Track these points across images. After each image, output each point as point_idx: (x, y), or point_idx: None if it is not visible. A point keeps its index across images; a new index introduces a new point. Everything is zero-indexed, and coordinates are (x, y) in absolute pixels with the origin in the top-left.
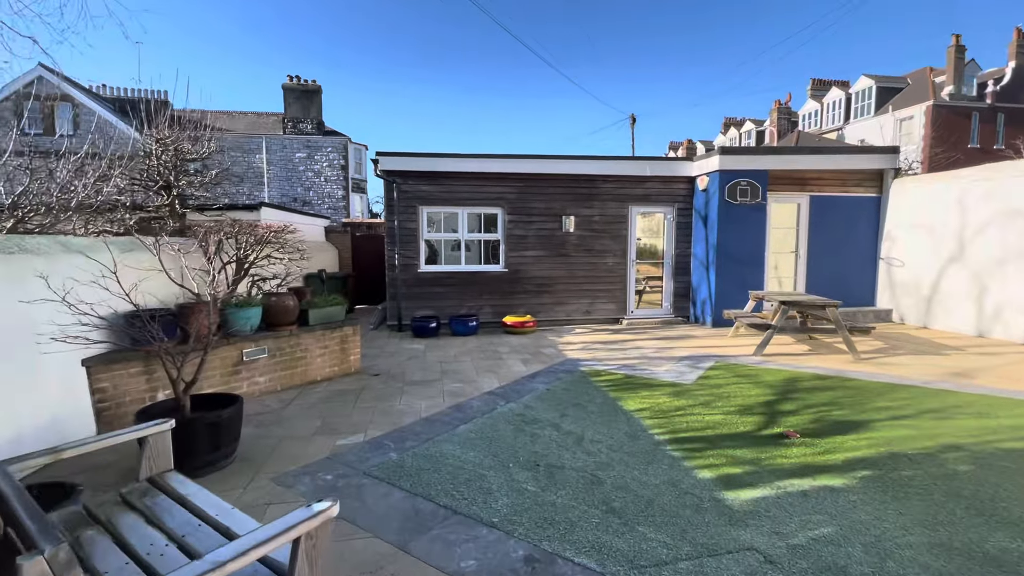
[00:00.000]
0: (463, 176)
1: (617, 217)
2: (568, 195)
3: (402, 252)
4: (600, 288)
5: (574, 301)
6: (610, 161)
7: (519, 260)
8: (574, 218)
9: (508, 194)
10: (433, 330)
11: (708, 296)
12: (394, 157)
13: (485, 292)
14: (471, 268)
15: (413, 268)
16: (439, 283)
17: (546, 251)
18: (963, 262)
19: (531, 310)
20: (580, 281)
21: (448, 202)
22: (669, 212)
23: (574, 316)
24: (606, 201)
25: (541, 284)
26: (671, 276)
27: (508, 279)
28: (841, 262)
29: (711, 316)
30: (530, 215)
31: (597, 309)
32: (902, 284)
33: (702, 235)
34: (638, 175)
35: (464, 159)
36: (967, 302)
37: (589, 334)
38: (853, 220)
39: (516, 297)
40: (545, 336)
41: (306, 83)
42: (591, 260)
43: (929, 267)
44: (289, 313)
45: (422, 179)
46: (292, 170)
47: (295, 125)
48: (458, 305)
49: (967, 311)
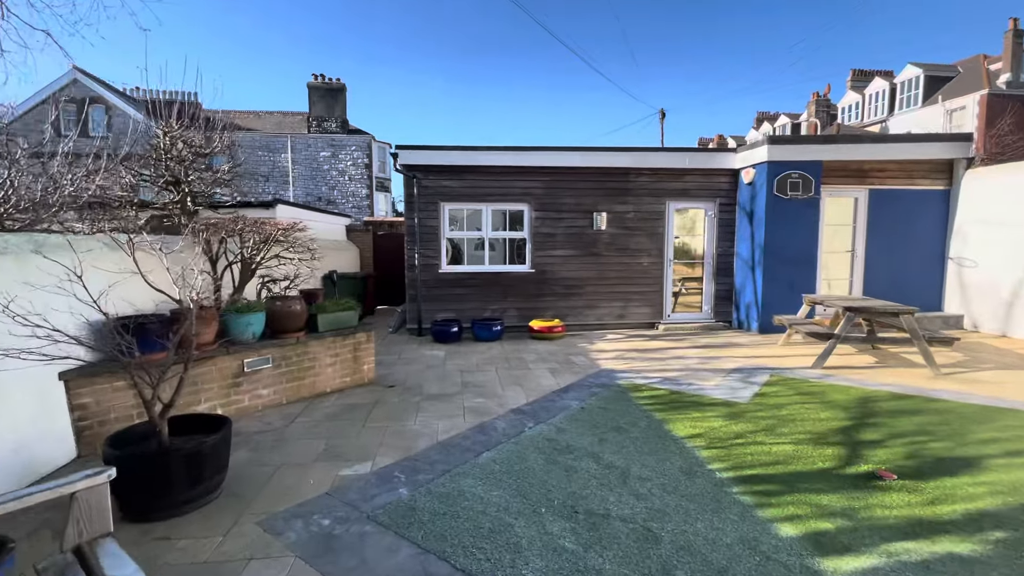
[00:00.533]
0: (488, 171)
1: (653, 214)
2: (600, 190)
3: (423, 251)
4: (634, 290)
5: (606, 304)
6: (646, 153)
7: (547, 260)
8: (606, 215)
9: (535, 189)
10: (455, 335)
11: (754, 299)
12: (415, 151)
13: (510, 294)
14: (495, 268)
15: (434, 268)
16: (461, 284)
17: (576, 250)
18: None
19: (559, 314)
20: (612, 283)
21: (472, 198)
22: (710, 208)
23: (606, 320)
24: (641, 196)
25: (570, 286)
26: (711, 277)
27: (535, 280)
28: (902, 262)
29: (757, 321)
30: (559, 212)
31: (631, 313)
32: (976, 286)
33: (747, 233)
34: (676, 168)
35: (489, 152)
36: None
37: (623, 340)
38: (917, 216)
39: (543, 300)
40: (575, 343)
41: (331, 81)
42: (624, 260)
43: (1010, 268)
44: (296, 319)
45: (444, 174)
46: (317, 169)
47: (319, 124)
48: (481, 308)
49: None
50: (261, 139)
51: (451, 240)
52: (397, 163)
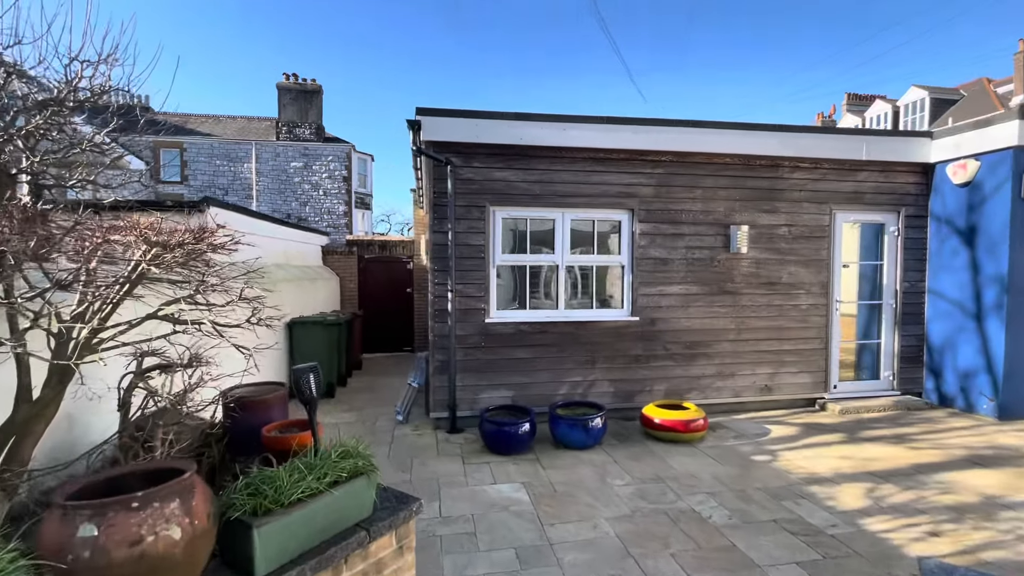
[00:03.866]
0: (566, 155)
1: (814, 228)
2: (737, 190)
3: (460, 287)
4: (788, 348)
5: (747, 371)
6: (801, 136)
7: (657, 302)
8: (747, 229)
9: (640, 187)
10: (523, 439)
11: (983, 363)
12: (450, 117)
13: (600, 358)
14: (576, 316)
15: (478, 316)
16: (523, 343)
17: (701, 286)
18: None
19: (676, 388)
20: (757, 336)
21: (539, 200)
22: (891, 221)
23: (745, 396)
24: (797, 202)
25: (693, 343)
26: (893, 326)
27: (638, 335)
28: None
29: (992, 399)
30: (676, 223)
31: (782, 384)
32: None
33: (961, 259)
34: (847, 160)
35: (569, 125)
36: None
37: (802, 436)
38: None
39: (652, 366)
40: (735, 447)
41: (304, 82)
42: (775, 301)
43: None
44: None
45: (497, 159)
46: (286, 182)
47: (291, 131)
48: (554, 382)
49: None
50: (219, 146)
51: (505, 270)
52: (417, 139)
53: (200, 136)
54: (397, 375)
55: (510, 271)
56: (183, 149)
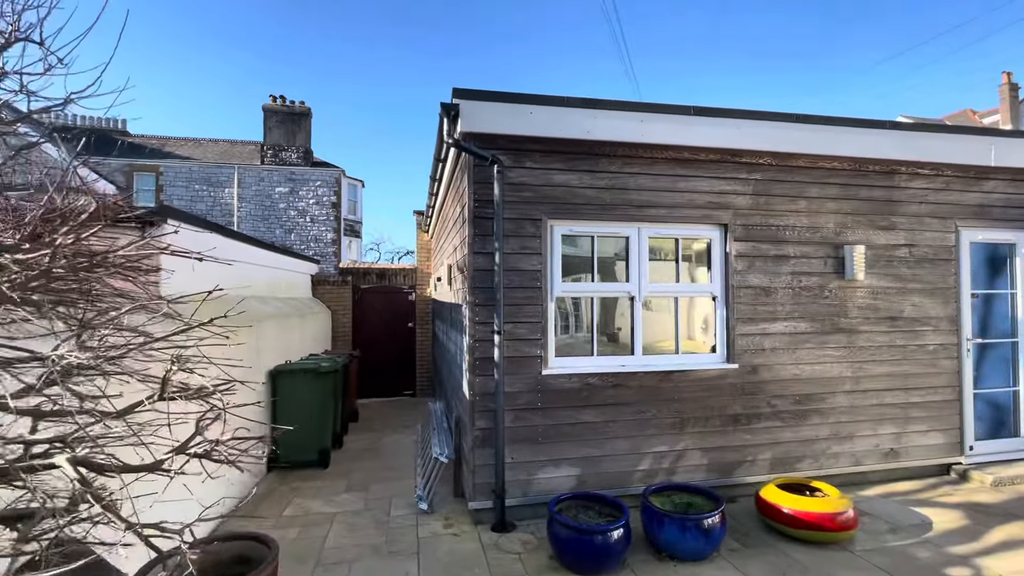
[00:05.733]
0: (643, 153)
1: (938, 249)
2: (847, 202)
3: (509, 328)
4: (915, 401)
5: (866, 430)
6: (924, 135)
7: (759, 343)
8: (862, 250)
9: (734, 196)
10: (615, 551)
11: None
12: (497, 102)
13: (688, 419)
14: (657, 364)
15: (532, 367)
16: (590, 400)
17: (810, 322)
18: None
19: (784, 455)
20: (877, 386)
21: (609, 211)
22: (1023, 240)
23: (865, 463)
24: (918, 217)
25: (802, 397)
26: None
27: (736, 387)
28: None
29: None
30: (779, 243)
31: (908, 446)
32: None
33: None
34: (972, 166)
35: (648, 115)
36: None
37: (975, 525)
38: None
39: (753, 427)
40: (901, 547)
41: (292, 104)
42: (896, 340)
43: None
44: None
45: (556, 157)
46: (270, 208)
47: (276, 154)
48: (634, 453)
49: None
50: (199, 170)
51: (566, 303)
52: (454, 130)
53: (178, 159)
54: (402, 429)
55: (570, 306)
56: (159, 173)
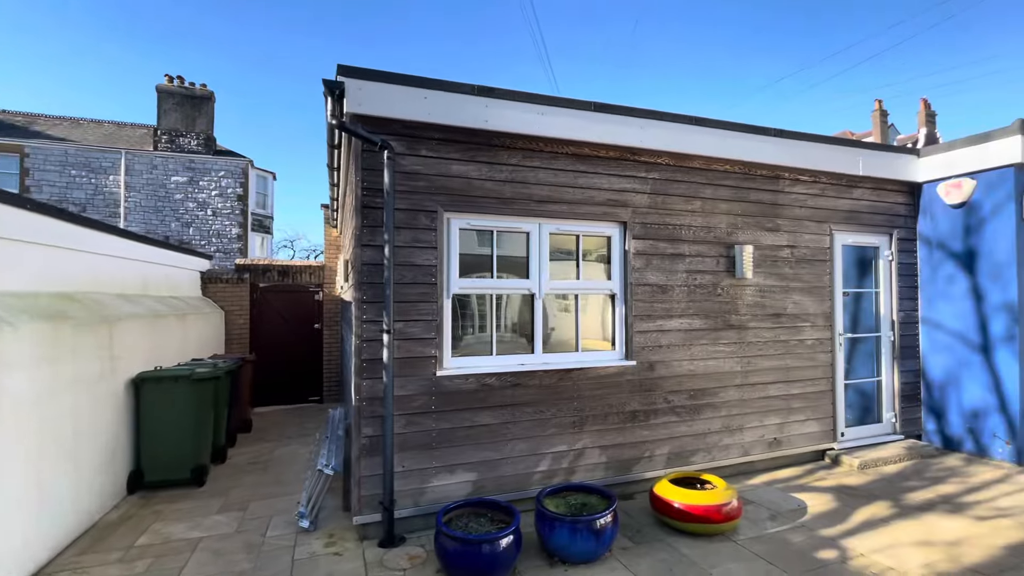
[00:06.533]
0: (544, 147)
1: (815, 250)
2: (739, 203)
3: (401, 327)
4: (796, 392)
5: (754, 422)
6: (800, 144)
7: (656, 339)
8: (751, 250)
9: (633, 194)
10: (505, 561)
11: (998, 403)
12: (389, 84)
13: (588, 416)
14: (558, 362)
15: (426, 368)
16: (488, 402)
17: (704, 319)
18: None
19: (680, 449)
20: (764, 380)
21: (509, 205)
22: (885, 244)
23: (754, 453)
24: (799, 220)
25: (697, 391)
26: (892, 360)
27: (635, 383)
28: None
29: (1008, 442)
30: (676, 242)
31: (791, 435)
32: None
33: (961, 287)
34: (844, 174)
35: (548, 107)
36: None
37: (843, 507)
38: None
39: (651, 423)
40: (779, 533)
41: (192, 86)
42: (780, 335)
43: None
44: None
45: (454, 146)
46: (165, 198)
47: (173, 140)
48: (533, 455)
49: None
50: (77, 153)
51: (463, 301)
52: (339, 110)
53: (50, 140)
54: (300, 439)
55: (469, 303)
56: (24, 155)
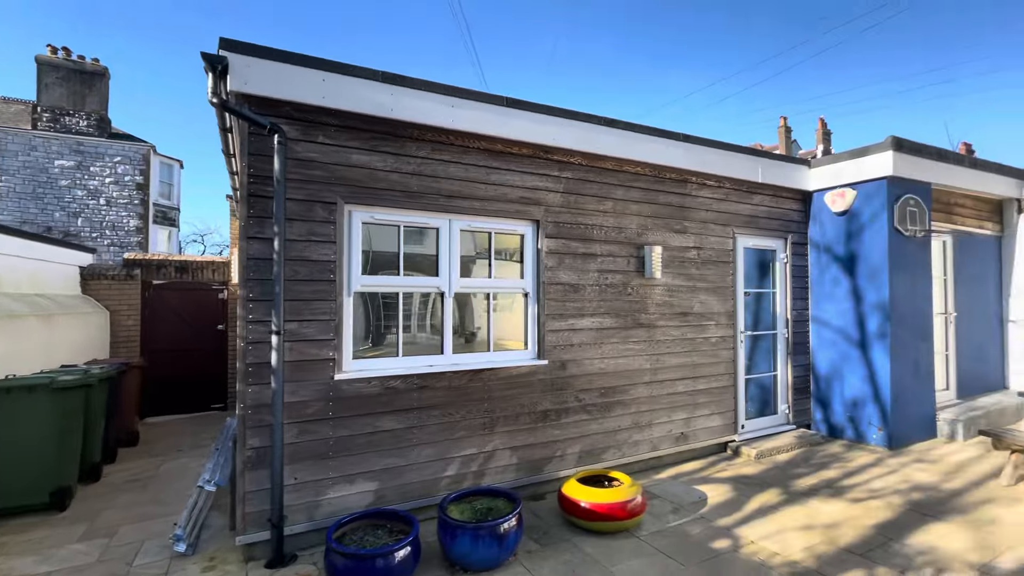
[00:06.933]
0: (455, 141)
1: (719, 252)
2: (648, 205)
3: (293, 327)
4: (701, 388)
5: (663, 417)
6: (706, 149)
7: (568, 338)
8: (660, 251)
9: (546, 192)
10: (398, 572)
11: (870, 392)
12: (281, 63)
13: (499, 418)
14: (468, 362)
15: (322, 371)
16: (392, 406)
17: (615, 318)
18: None
19: (591, 447)
20: (672, 376)
21: (417, 200)
22: (781, 247)
23: (663, 448)
24: (705, 223)
25: (607, 389)
26: (787, 356)
27: (546, 382)
28: (980, 329)
29: (882, 428)
30: (588, 241)
31: (696, 429)
32: None
33: (844, 288)
34: (746, 181)
35: (460, 100)
36: None
37: (740, 496)
38: (985, 269)
39: (562, 422)
40: (680, 526)
41: (82, 60)
42: (687, 333)
43: None
44: None
45: (356, 135)
46: (47, 184)
47: (57, 119)
48: (440, 459)
49: None
50: None
51: (366, 299)
52: (222, 88)
53: None
54: (193, 451)
55: (374, 302)
56: None
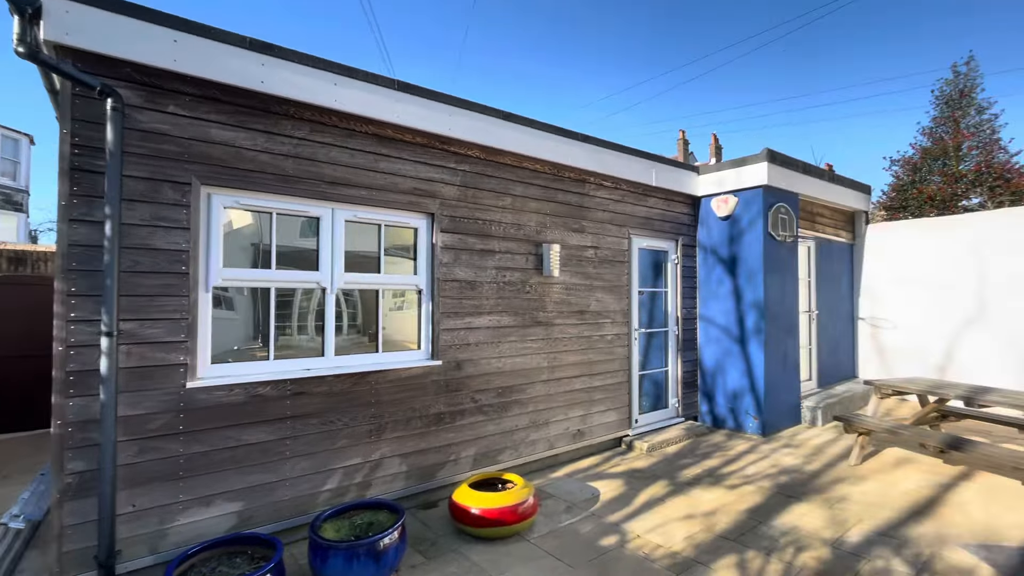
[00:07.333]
0: (339, 123)
1: (616, 252)
2: (548, 203)
3: (133, 327)
4: (597, 385)
5: (560, 415)
6: (605, 152)
7: (464, 337)
8: (559, 249)
9: (442, 185)
10: None
11: (748, 385)
12: (117, 15)
13: (388, 423)
14: (352, 365)
15: (171, 379)
16: (261, 415)
17: (513, 316)
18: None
19: (488, 449)
20: (570, 374)
21: (293, 185)
22: (672, 249)
23: (560, 446)
24: (603, 223)
25: (505, 389)
26: (677, 352)
27: (441, 384)
28: (836, 325)
29: (757, 417)
30: (485, 237)
31: (593, 426)
32: (897, 351)
33: (726, 287)
34: (640, 184)
35: (344, 78)
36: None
37: (631, 491)
38: (840, 272)
39: (457, 424)
40: (571, 525)
41: None
42: (584, 331)
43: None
44: None
45: (216, 106)
46: None
47: None
48: (319, 472)
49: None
50: None
51: (225, 293)
52: (29, 35)
53: None
54: (14, 477)
55: (232, 298)
56: None
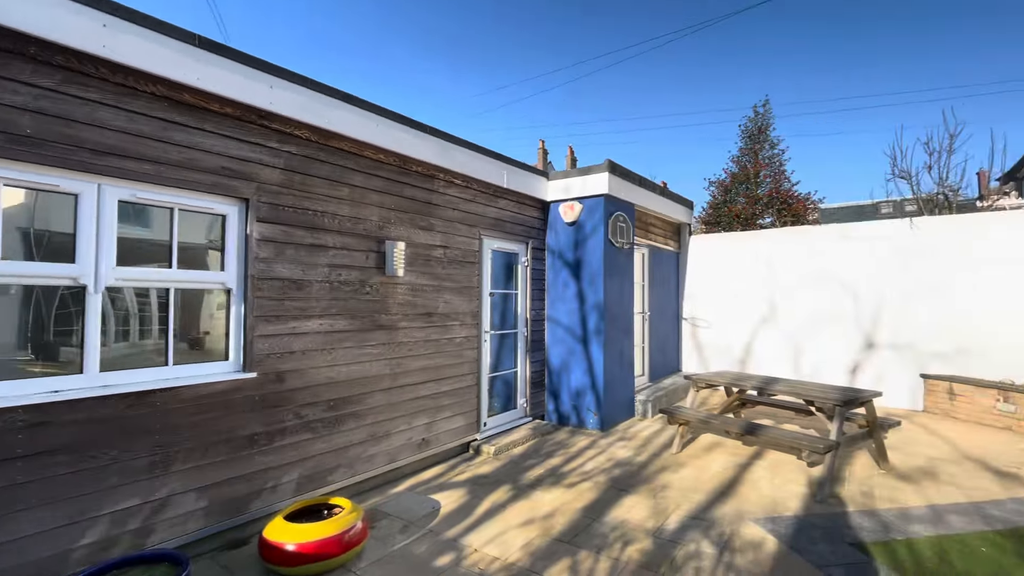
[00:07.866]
0: (109, 76)
1: (466, 252)
2: (392, 197)
3: None
4: (445, 390)
5: (403, 425)
6: (455, 149)
7: (287, 344)
8: (404, 247)
9: (262, 167)
10: None
11: (589, 383)
12: None
13: (180, 451)
14: (126, 383)
15: None
16: None
17: (350, 319)
18: (776, 323)
19: (315, 469)
20: (415, 380)
21: (37, 150)
22: (523, 251)
23: (401, 458)
24: (452, 222)
25: (338, 401)
26: (526, 353)
27: (255, 400)
28: (665, 324)
29: (596, 414)
30: (316, 231)
31: (439, 433)
32: (712, 347)
33: (572, 290)
34: (492, 184)
35: (118, 19)
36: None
37: (473, 500)
38: (668, 276)
39: (276, 445)
40: (405, 546)
41: None
42: (431, 335)
43: (738, 328)
44: None
45: None
46: None
47: None
48: (73, 523)
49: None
50: None
51: None
52: None
53: None
54: None
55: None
56: None
